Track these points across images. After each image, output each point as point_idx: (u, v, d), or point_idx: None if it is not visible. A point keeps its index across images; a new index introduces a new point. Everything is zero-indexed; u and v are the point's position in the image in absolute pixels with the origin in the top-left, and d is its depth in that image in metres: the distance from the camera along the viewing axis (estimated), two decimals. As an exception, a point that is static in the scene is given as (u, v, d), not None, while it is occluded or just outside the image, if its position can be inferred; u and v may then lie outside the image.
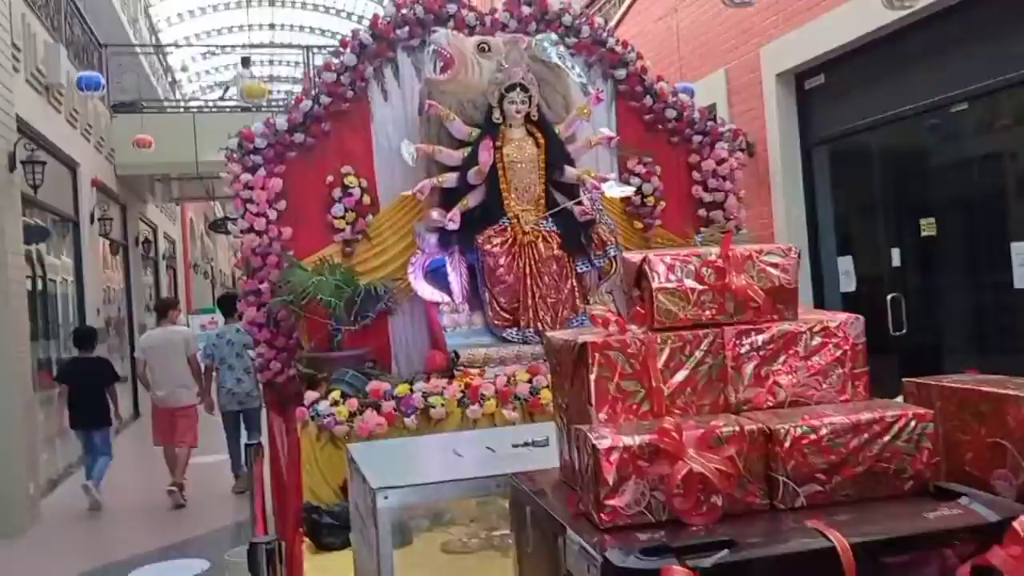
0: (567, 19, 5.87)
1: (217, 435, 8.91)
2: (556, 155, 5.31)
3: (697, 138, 6.05)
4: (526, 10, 5.85)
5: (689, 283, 1.89)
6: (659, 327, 1.86)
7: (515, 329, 5.20)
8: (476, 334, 5.27)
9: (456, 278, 5.29)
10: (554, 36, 5.41)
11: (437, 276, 5.37)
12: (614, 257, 5.38)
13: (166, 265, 18.12)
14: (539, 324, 5.14)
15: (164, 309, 9.30)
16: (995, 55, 6.05)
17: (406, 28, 5.75)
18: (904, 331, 6.92)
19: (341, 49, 5.75)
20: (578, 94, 5.58)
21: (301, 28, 26.39)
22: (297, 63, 22.23)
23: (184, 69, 22.07)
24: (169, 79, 19.41)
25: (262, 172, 5.52)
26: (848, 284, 7.50)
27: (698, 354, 1.86)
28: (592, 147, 5.59)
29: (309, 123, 5.64)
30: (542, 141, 5.30)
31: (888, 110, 7.00)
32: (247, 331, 5.91)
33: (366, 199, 5.65)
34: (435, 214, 5.30)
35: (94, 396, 8.29)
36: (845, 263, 7.55)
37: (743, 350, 1.88)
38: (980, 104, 6.32)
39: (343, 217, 5.61)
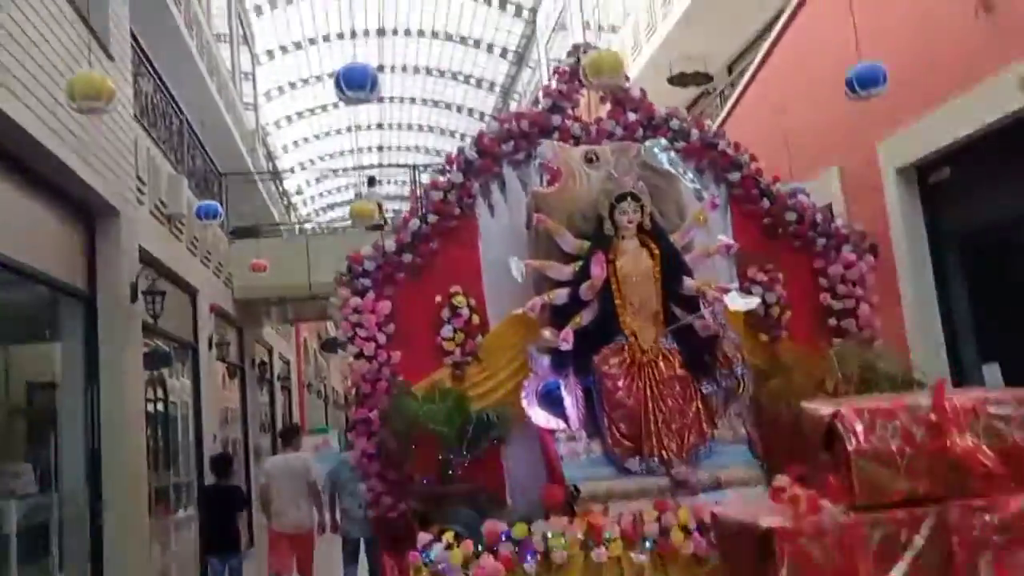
0: (675, 124, 5.58)
1: (332, 566, 8.54)
2: (673, 266, 4.93)
3: (821, 241, 5.57)
4: (632, 117, 5.60)
5: (896, 445, 1.46)
6: (863, 504, 1.43)
7: (637, 458, 4.72)
8: (595, 464, 4.81)
9: (572, 402, 4.89)
10: (663, 141, 5.11)
11: (552, 401, 4.98)
12: (742, 375, 4.90)
13: (280, 385, 18.29)
14: (663, 452, 4.66)
15: (288, 435, 9.14)
16: None
17: (511, 143, 5.56)
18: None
19: (447, 167, 5.59)
20: (691, 200, 5.23)
21: (407, 148, 27.28)
22: (404, 181, 22.80)
23: (299, 192, 22.90)
24: (285, 203, 20.07)
25: (371, 295, 5.32)
26: (998, 392, 6.71)
27: (918, 541, 1.40)
28: (710, 256, 5.19)
29: (417, 243, 5.45)
30: (657, 252, 4.94)
31: (1031, 201, 6.36)
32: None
33: (475, 319, 5.37)
34: (547, 333, 4.95)
35: (229, 522, 8.18)
36: (992, 372, 6.76)
37: (976, 533, 1.42)
38: None
39: (452, 339, 5.34)
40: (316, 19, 22.88)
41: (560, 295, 4.98)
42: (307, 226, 21.35)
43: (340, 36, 23.43)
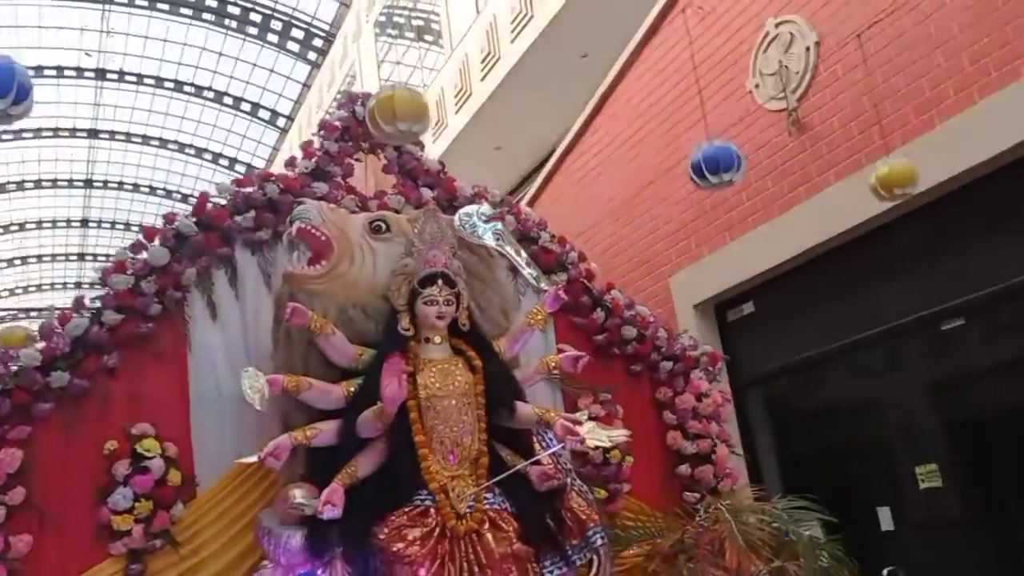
0: (485, 209, 3.90)
1: None
2: (503, 385, 3.07)
3: (666, 365, 4.04)
4: (427, 193, 3.85)
5: None
6: None
7: None
8: None
9: (340, 608, 2.76)
10: (487, 208, 3.38)
11: (303, 607, 2.81)
12: (599, 548, 3.06)
13: None
14: None
15: None
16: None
17: (251, 214, 3.56)
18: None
19: (144, 241, 3.44)
20: (516, 295, 3.51)
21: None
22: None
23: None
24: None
25: (-14, 438, 2.93)
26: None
27: None
28: (550, 374, 3.41)
29: (81, 355, 3.18)
30: (479, 364, 3.08)
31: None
32: None
33: (173, 477, 3.13)
34: (299, 495, 2.83)
35: None
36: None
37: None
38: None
39: (131, 510, 3.03)
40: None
41: (324, 432, 2.92)
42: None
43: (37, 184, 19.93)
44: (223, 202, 3.58)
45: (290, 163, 3.79)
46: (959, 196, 4.69)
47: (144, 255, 3.38)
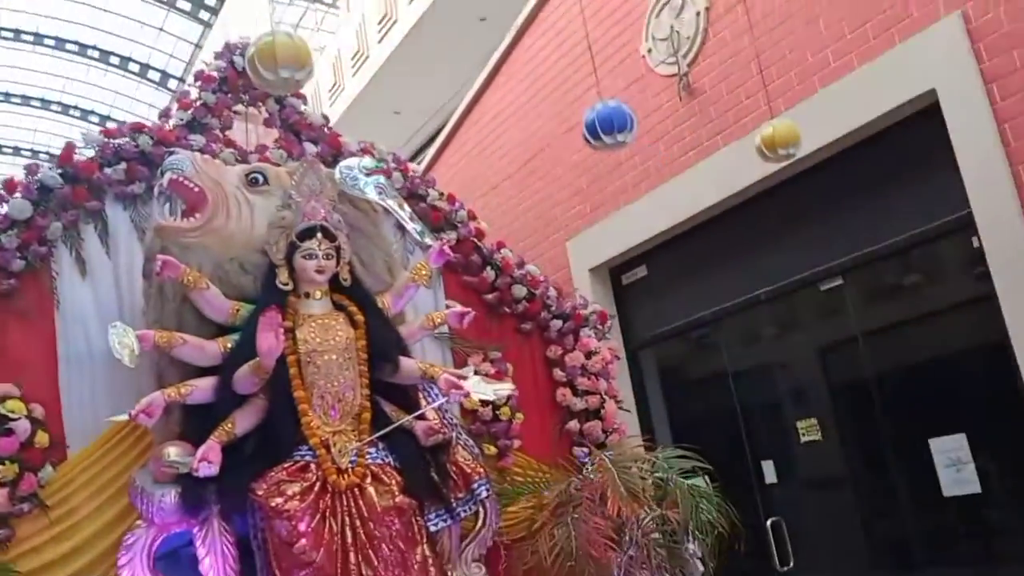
0: (367, 162, 3.85)
1: None
2: (385, 340, 3.06)
3: (556, 324, 4.10)
4: (310, 149, 3.77)
5: None
6: None
7: (329, 653, 2.64)
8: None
9: (215, 565, 2.71)
10: (369, 161, 3.34)
11: (177, 568, 2.76)
12: (484, 500, 3.10)
13: None
14: (374, 639, 2.62)
15: None
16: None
17: (122, 166, 3.41)
18: (791, 564, 5.11)
19: (4, 194, 3.26)
20: (404, 251, 3.49)
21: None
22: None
23: None
24: None
25: None
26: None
27: None
28: (435, 329, 3.41)
29: (-66, 314, 3.00)
30: (360, 318, 3.06)
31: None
32: None
33: (41, 439, 3.00)
34: (173, 453, 2.77)
35: None
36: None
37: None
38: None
39: (-7, 475, 2.90)
40: None
41: (200, 388, 2.84)
42: None
43: None
44: (91, 153, 3.42)
45: (164, 114, 3.64)
46: (840, 159, 4.89)
47: (4, 208, 3.20)
